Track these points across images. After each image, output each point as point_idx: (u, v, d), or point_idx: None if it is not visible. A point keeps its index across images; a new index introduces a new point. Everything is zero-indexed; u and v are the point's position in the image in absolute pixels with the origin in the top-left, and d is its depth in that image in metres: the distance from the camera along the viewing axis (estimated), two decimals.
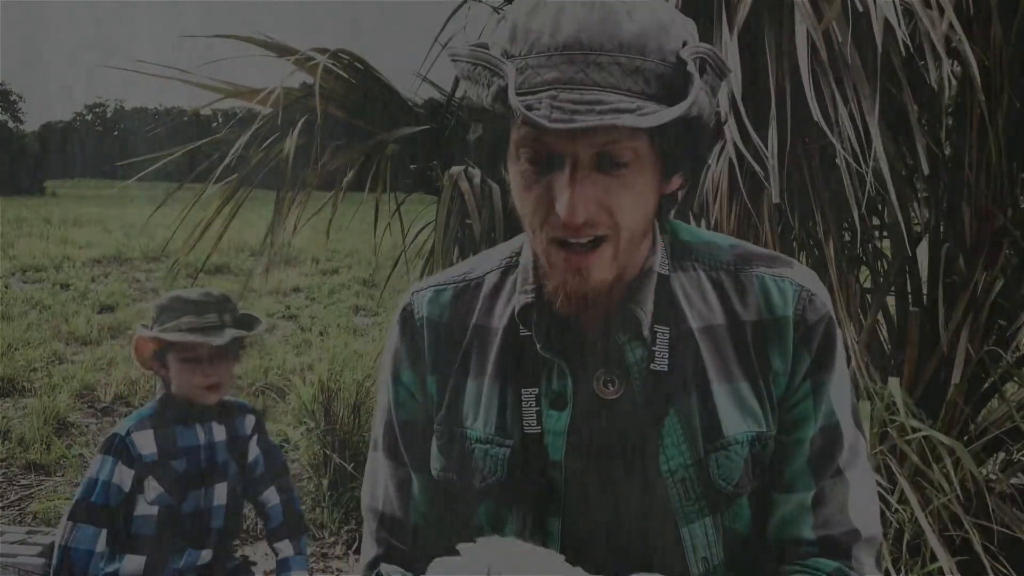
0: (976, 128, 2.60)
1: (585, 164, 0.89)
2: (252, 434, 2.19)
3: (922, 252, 2.91)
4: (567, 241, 0.91)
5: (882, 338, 2.98)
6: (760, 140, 2.20)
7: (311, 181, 3.10)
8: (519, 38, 0.89)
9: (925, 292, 2.88)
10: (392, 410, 1.09)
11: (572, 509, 1.01)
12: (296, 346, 7.34)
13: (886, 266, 2.95)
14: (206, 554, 2.10)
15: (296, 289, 10.34)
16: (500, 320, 1.04)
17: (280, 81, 3.05)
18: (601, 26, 0.86)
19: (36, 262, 12.00)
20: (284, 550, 2.22)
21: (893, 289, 2.94)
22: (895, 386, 2.36)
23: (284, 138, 3.07)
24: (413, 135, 3.19)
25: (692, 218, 2.36)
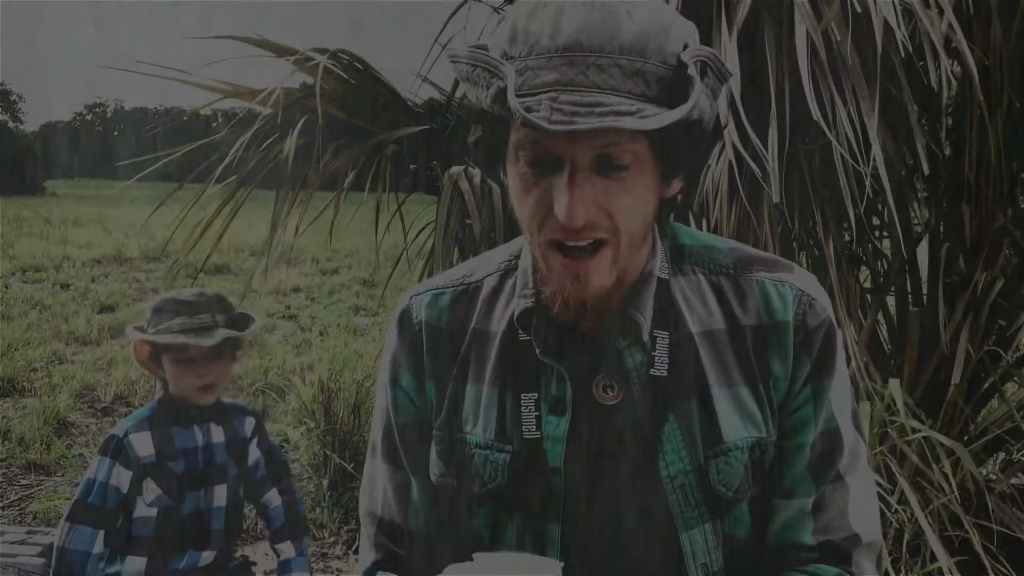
0: (976, 128, 2.59)
1: (585, 167, 0.87)
2: (252, 436, 2.18)
3: (922, 252, 2.91)
4: (565, 245, 0.90)
5: (882, 338, 2.98)
6: (760, 140, 2.20)
7: (312, 181, 3.10)
8: (519, 39, 0.88)
9: (925, 292, 2.88)
10: (391, 414, 1.08)
11: (572, 515, 1.00)
12: (296, 346, 7.34)
13: (886, 266, 2.95)
14: (207, 555, 2.10)
15: (296, 289, 10.34)
16: (499, 324, 1.03)
17: (280, 81, 3.05)
18: (601, 28, 0.85)
19: (36, 262, 12.01)
20: (286, 551, 2.22)
21: (893, 289, 2.94)
22: (895, 386, 2.36)
23: (284, 138, 3.07)
24: (413, 135, 3.19)
25: (692, 218, 2.36)
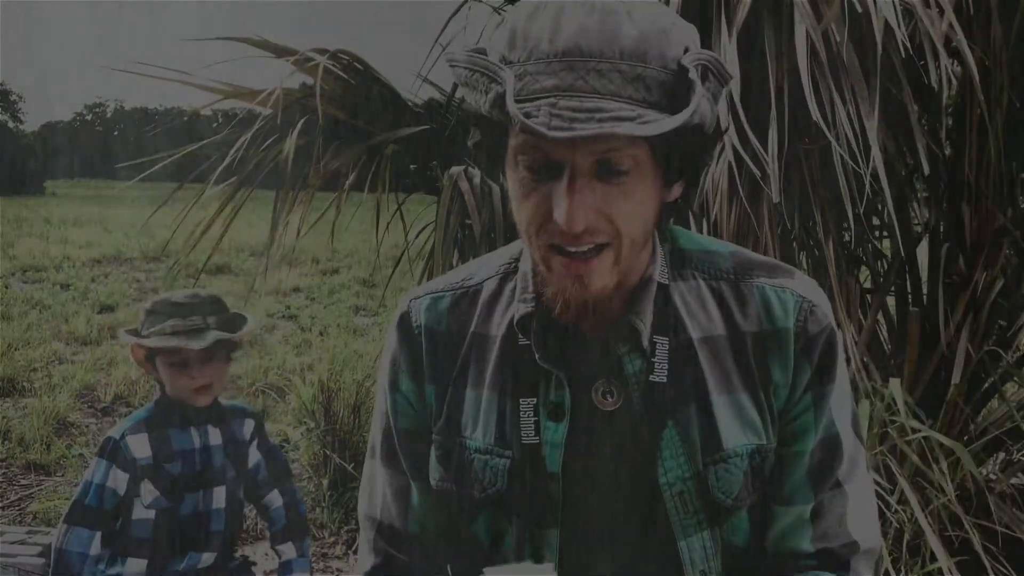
0: (976, 128, 2.60)
1: (584, 172, 0.86)
2: (252, 439, 2.17)
3: (922, 252, 2.91)
4: (566, 249, 0.89)
5: (882, 338, 2.98)
6: (759, 141, 2.19)
7: (312, 182, 3.10)
8: (518, 44, 0.87)
9: (925, 292, 2.88)
10: (390, 419, 1.07)
11: (570, 520, 0.99)
12: (296, 346, 7.34)
13: (886, 266, 2.95)
14: (207, 557, 2.10)
15: (296, 289, 10.34)
16: (499, 328, 1.02)
17: (280, 82, 3.05)
18: (601, 32, 0.84)
19: (36, 262, 12.01)
20: (287, 552, 2.22)
21: (893, 289, 2.94)
22: (895, 386, 2.36)
23: (284, 139, 3.07)
24: (413, 135, 3.19)
25: (692, 218, 2.36)
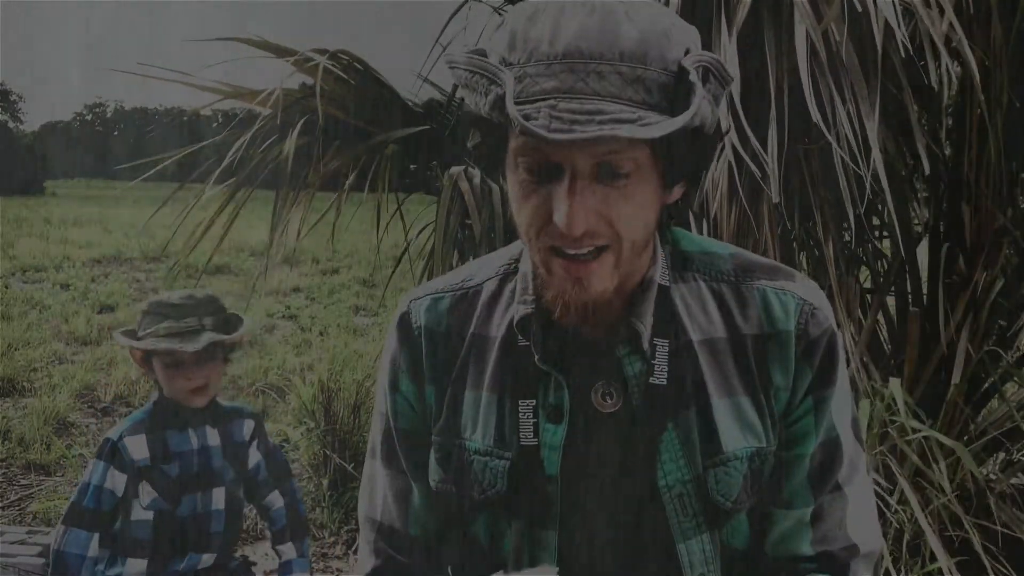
0: (976, 128, 2.60)
1: (585, 174, 0.86)
2: (251, 440, 2.16)
3: (922, 252, 2.91)
4: (566, 252, 0.89)
5: (882, 338, 2.98)
6: (759, 141, 2.19)
7: (312, 182, 3.10)
8: (518, 46, 0.86)
9: (925, 292, 2.88)
10: (390, 419, 1.07)
11: (569, 523, 0.99)
12: (296, 346, 7.33)
13: (886, 266, 2.95)
14: (208, 557, 2.09)
15: (296, 289, 10.33)
16: (498, 329, 1.02)
17: (280, 82, 3.05)
18: (602, 34, 0.84)
19: (36, 262, 11.99)
20: (287, 552, 2.22)
21: (893, 289, 2.94)
22: (895, 386, 2.36)
23: (284, 139, 3.07)
24: (413, 135, 3.19)
25: (692, 218, 2.36)
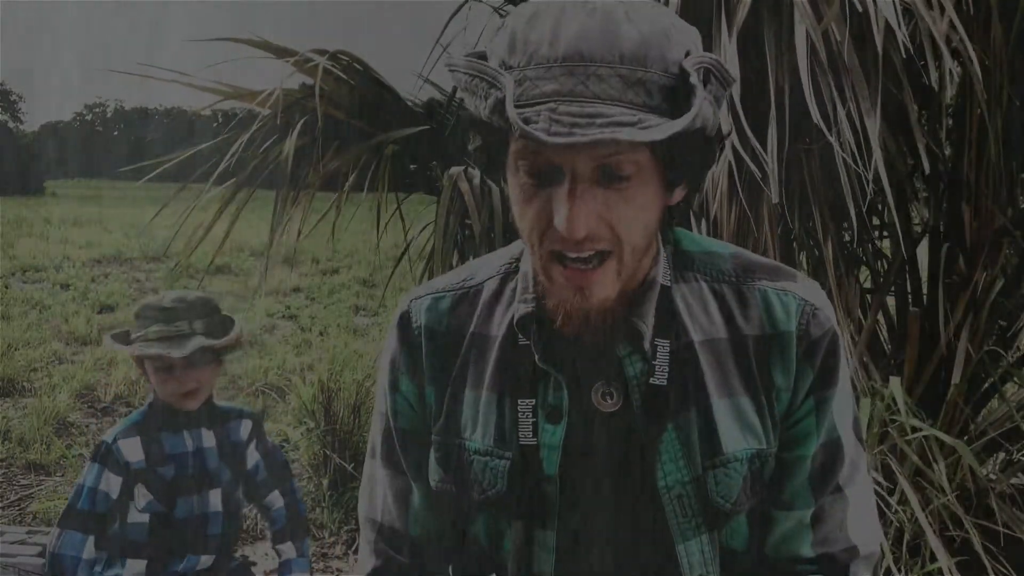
0: (976, 128, 2.60)
1: (585, 177, 0.85)
2: (250, 440, 2.15)
3: (922, 252, 2.91)
4: (567, 256, 0.88)
5: (882, 338, 2.98)
6: (760, 141, 2.19)
7: (312, 182, 3.10)
8: (518, 49, 0.86)
9: (925, 292, 2.88)
10: (390, 419, 1.07)
11: (567, 523, 0.99)
12: (296, 346, 7.33)
13: (886, 266, 2.95)
14: (206, 559, 2.09)
15: (296, 289, 10.33)
16: (499, 328, 1.01)
17: (279, 83, 3.05)
18: (602, 36, 0.83)
19: (36, 262, 11.99)
20: (287, 552, 2.21)
21: (893, 289, 2.94)
22: (896, 385, 2.36)
23: (284, 139, 3.07)
24: (413, 135, 3.19)
25: (692, 218, 2.36)
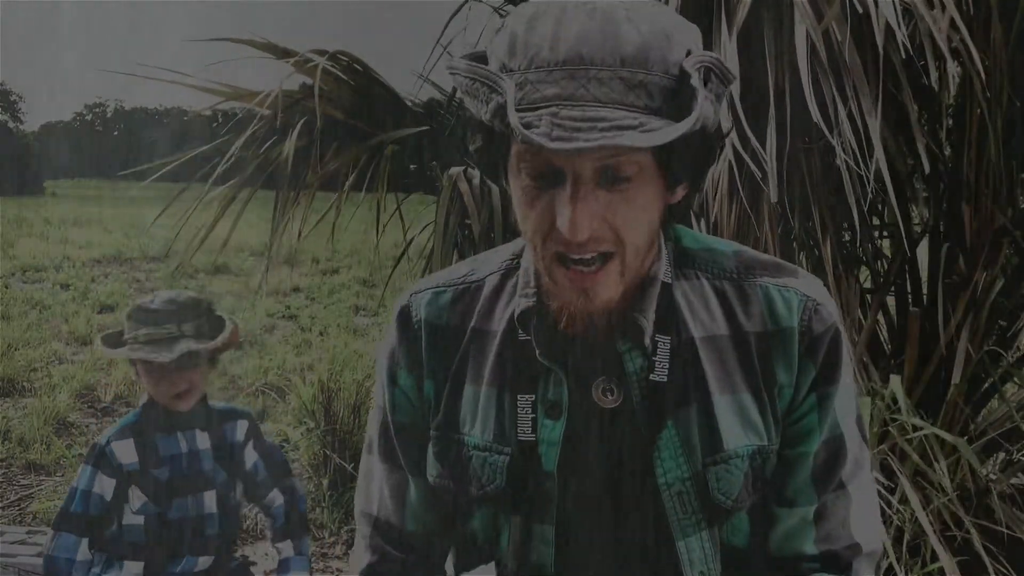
0: (976, 128, 2.59)
1: (587, 179, 0.86)
2: (247, 440, 2.14)
3: (922, 252, 2.91)
4: (570, 258, 0.88)
5: (882, 338, 2.98)
6: (760, 140, 2.19)
7: (312, 182, 3.09)
8: (518, 51, 0.86)
9: (925, 292, 2.88)
10: (388, 413, 1.06)
11: (566, 519, 0.99)
12: (296, 346, 7.33)
13: (886, 266, 2.95)
14: (205, 560, 2.09)
15: (296, 289, 10.32)
16: (499, 324, 1.01)
17: (279, 83, 3.05)
18: (602, 39, 0.83)
19: (36, 262, 11.98)
20: (285, 550, 2.21)
21: (893, 289, 2.94)
22: (896, 383, 2.36)
23: (284, 140, 3.07)
24: (413, 135, 3.19)
25: (692, 217, 2.36)
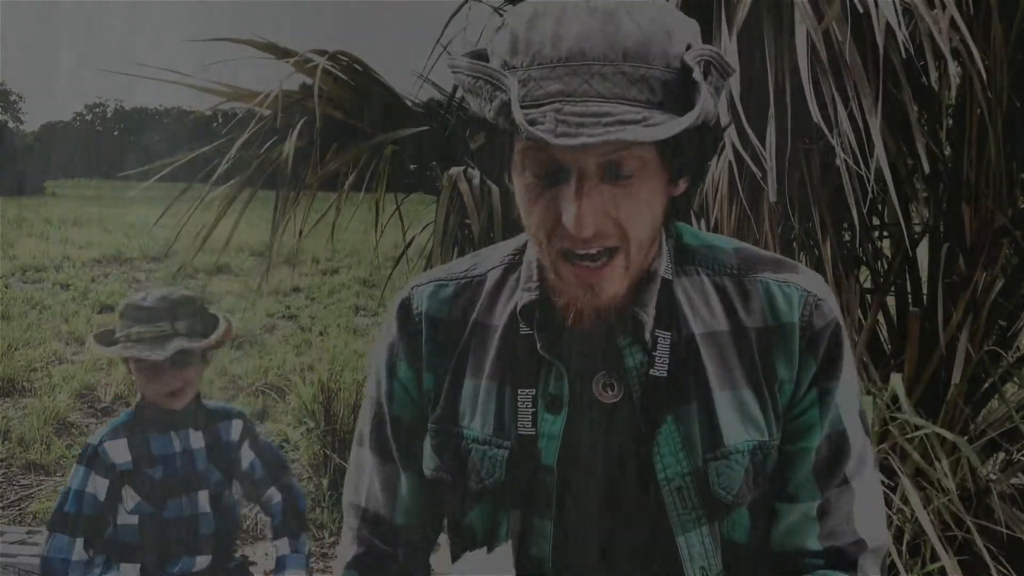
0: (976, 128, 2.59)
1: (592, 175, 0.86)
2: (242, 440, 2.14)
3: (922, 252, 2.91)
4: (576, 254, 0.89)
5: (882, 338, 2.98)
6: (760, 140, 2.19)
7: (312, 182, 3.09)
8: (520, 49, 0.86)
9: (925, 292, 2.88)
10: (384, 405, 1.06)
11: (566, 513, 0.99)
12: (296, 346, 7.34)
13: (886, 266, 2.95)
14: (202, 560, 2.09)
15: (296, 289, 10.32)
16: (500, 318, 1.01)
17: (279, 83, 3.05)
18: (603, 35, 0.84)
19: (36, 262, 11.97)
20: (282, 548, 2.21)
21: (893, 289, 2.93)
22: (897, 381, 2.36)
23: (284, 140, 3.07)
24: (413, 135, 3.19)
25: (692, 217, 2.36)
